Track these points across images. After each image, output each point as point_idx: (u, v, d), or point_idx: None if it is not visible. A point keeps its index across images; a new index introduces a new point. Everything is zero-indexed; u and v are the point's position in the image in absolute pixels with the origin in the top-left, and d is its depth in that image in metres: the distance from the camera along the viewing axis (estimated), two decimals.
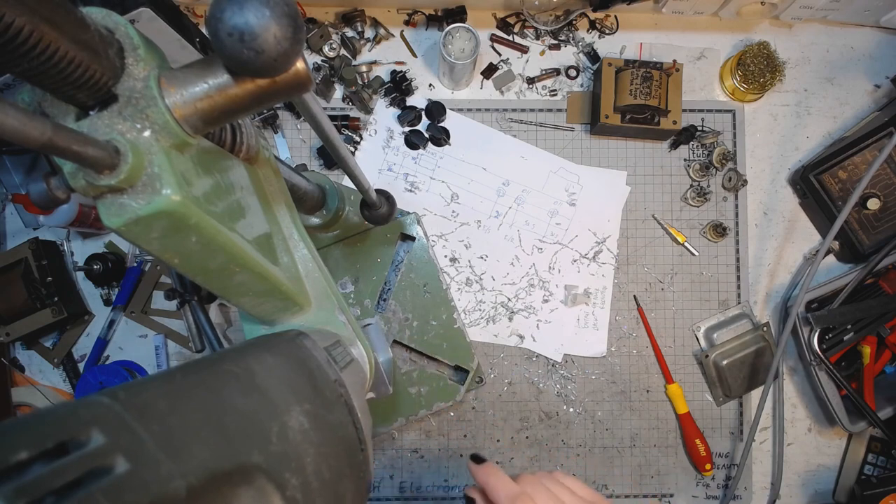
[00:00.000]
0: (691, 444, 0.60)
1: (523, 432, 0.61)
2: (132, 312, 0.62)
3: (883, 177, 0.59)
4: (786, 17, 0.62)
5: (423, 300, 0.59)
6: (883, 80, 0.64)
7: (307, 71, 0.23)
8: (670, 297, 0.63)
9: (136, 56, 0.22)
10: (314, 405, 0.26)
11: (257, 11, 0.19)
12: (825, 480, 0.63)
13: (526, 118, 0.63)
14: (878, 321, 0.58)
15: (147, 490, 0.16)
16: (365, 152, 0.62)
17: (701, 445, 0.60)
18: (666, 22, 0.64)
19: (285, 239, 0.36)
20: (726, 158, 0.62)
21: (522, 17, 0.63)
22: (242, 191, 0.31)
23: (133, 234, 0.23)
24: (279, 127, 0.62)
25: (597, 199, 0.63)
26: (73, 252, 0.63)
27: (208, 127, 0.24)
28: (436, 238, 0.62)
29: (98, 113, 0.22)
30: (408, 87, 0.61)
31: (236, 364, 0.25)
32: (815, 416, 0.63)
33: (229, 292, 0.31)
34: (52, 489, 0.14)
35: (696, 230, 0.63)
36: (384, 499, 0.61)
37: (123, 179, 0.21)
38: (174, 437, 0.19)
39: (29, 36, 0.17)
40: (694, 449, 0.60)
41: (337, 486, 0.26)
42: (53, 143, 0.17)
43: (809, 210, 0.63)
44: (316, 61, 0.62)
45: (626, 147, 0.63)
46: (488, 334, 0.62)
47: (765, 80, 0.60)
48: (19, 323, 0.58)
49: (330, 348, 0.34)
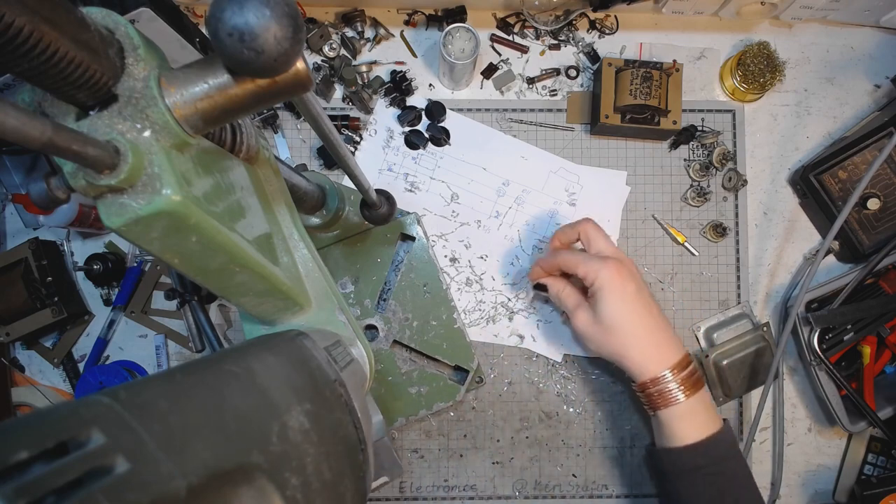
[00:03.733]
0: None
1: (523, 432, 0.61)
2: (132, 312, 0.62)
3: (883, 177, 0.59)
4: (786, 17, 0.62)
5: (423, 300, 0.59)
6: (883, 80, 0.64)
7: (307, 71, 0.23)
8: (670, 297, 0.63)
9: (136, 56, 0.22)
10: (314, 405, 0.26)
11: (257, 11, 0.19)
12: (825, 480, 0.63)
13: (526, 118, 0.63)
14: (878, 321, 0.58)
15: (147, 490, 0.16)
16: (365, 152, 0.62)
17: None
18: (666, 22, 0.64)
19: (285, 239, 0.37)
20: (726, 158, 0.62)
21: (522, 17, 0.63)
22: (242, 191, 0.31)
23: (133, 234, 0.23)
24: (279, 127, 0.62)
25: (597, 199, 0.63)
26: (73, 252, 0.63)
27: (208, 127, 0.24)
28: (436, 238, 0.62)
29: (98, 113, 0.22)
30: (408, 87, 0.61)
31: (237, 364, 0.25)
32: (815, 416, 0.63)
33: (229, 292, 0.31)
34: (52, 489, 0.14)
35: (696, 230, 0.63)
36: (384, 499, 0.61)
37: (123, 179, 0.21)
38: (175, 436, 0.19)
39: (29, 36, 0.17)
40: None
41: (337, 486, 0.26)
42: (53, 143, 0.17)
43: (809, 210, 0.63)
44: (316, 61, 0.62)
45: (626, 147, 0.63)
46: (488, 334, 0.62)
47: (765, 80, 0.60)
48: (19, 323, 0.58)
49: (330, 348, 0.34)
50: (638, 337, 0.50)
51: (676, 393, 0.49)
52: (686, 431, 0.49)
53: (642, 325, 0.49)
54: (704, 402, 0.50)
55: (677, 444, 0.50)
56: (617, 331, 0.50)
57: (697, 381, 0.50)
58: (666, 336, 0.50)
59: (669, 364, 0.49)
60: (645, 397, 0.51)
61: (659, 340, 0.50)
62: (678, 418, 0.49)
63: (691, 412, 0.49)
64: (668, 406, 0.49)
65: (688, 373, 0.50)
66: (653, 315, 0.50)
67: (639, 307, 0.49)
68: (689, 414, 0.49)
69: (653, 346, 0.50)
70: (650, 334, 0.50)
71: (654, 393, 0.49)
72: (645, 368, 0.50)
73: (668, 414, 0.50)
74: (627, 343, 0.50)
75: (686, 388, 0.49)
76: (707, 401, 0.51)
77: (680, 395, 0.49)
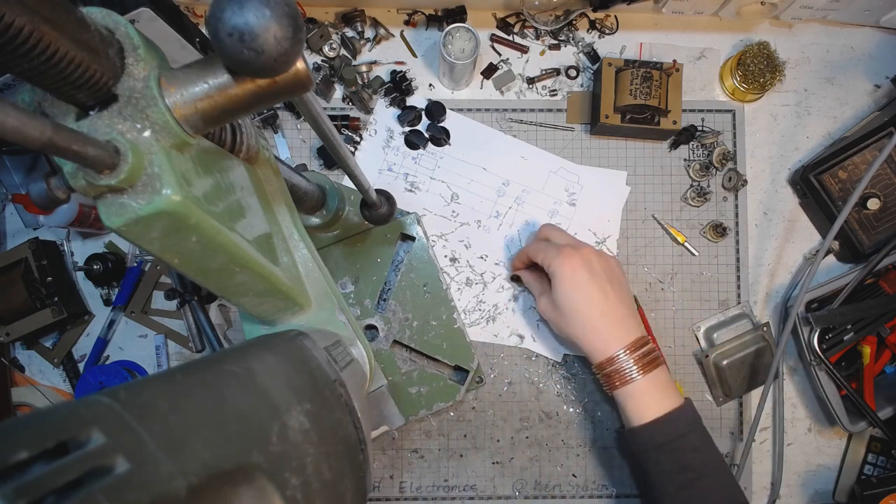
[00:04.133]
0: None
1: (523, 432, 0.61)
2: (132, 312, 0.62)
3: (883, 177, 0.59)
4: (786, 17, 0.62)
5: (423, 300, 0.59)
6: (883, 80, 0.64)
7: (307, 71, 0.23)
8: (670, 297, 0.63)
9: (136, 56, 0.22)
10: (314, 405, 0.26)
11: (257, 11, 0.19)
12: (825, 480, 0.63)
13: (526, 118, 0.63)
14: (878, 321, 0.58)
15: (147, 490, 0.16)
16: (365, 152, 0.62)
17: None
18: (666, 22, 0.64)
19: (285, 239, 0.37)
20: (726, 158, 0.62)
21: (522, 17, 0.63)
22: (242, 191, 0.31)
23: (133, 234, 0.23)
24: (279, 127, 0.62)
25: (597, 199, 0.63)
26: (73, 252, 0.63)
27: (208, 127, 0.24)
28: (436, 238, 0.62)
29: (98, 113, 0.22)
30: (408, 87, 0.61)
31: (237, 364, 0.25)
32: (815, 416, 0.63)
33: (229, 292, 0.31)
34: (52, 489, 0.14)
35: (696, 230, 0.63)
36: (384, 499, 0.61)
37: (123, 179, 0.21)
38: (175, 436, 0.19)
39: (29, 36, 0.17)
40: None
41: (337, 486, 0.26)
42: (53, 143, 0.17)
43: (809, 210, 0.63)
44: (316, 61, 0.62)
45: (626, 147, 0.63)
46: (488, 334, 0.62)
47: (765, 80, 0.60)
48: (19, 323, 0.58)
49: (330, 348, 0.34)
50: (590, 320, 0.51)
51: (632, 372, 0.50)
52: (644, 410, 0.50)
53: (595, 308, 0.51)
54: (662, 379, 0.51)
55: (637, 422, 0.50)
56: (570, 315, 0.52)
57: (654, 360, 0.51)
58: (620, 317, 0.51)
59: (623, 343, 0.50)
60: (603, 378, 0.52)
61: (613, 321, 0.51)
62: (635, 396, 0.50)
63: (648, 390, 0.50)
64: (625, 384, 0.50)
65: (643, 352, 0.50)
66: (607, 298, 0.51)
67: (592, 292, 0.51)
68: (646, 392, 0.50)
69: (606, 328, 0.51)
70: (603, 317, 0.51)
71: (610, 373, 0.51)
72: (599, 349, 0.51)
73: (625, 392, 0.50)
74: (580, 326, 0.52)
75: (641, 366, 0.50)
76: (665, 379, 0.51)
77: (636, 374, 0.50)
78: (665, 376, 0.52)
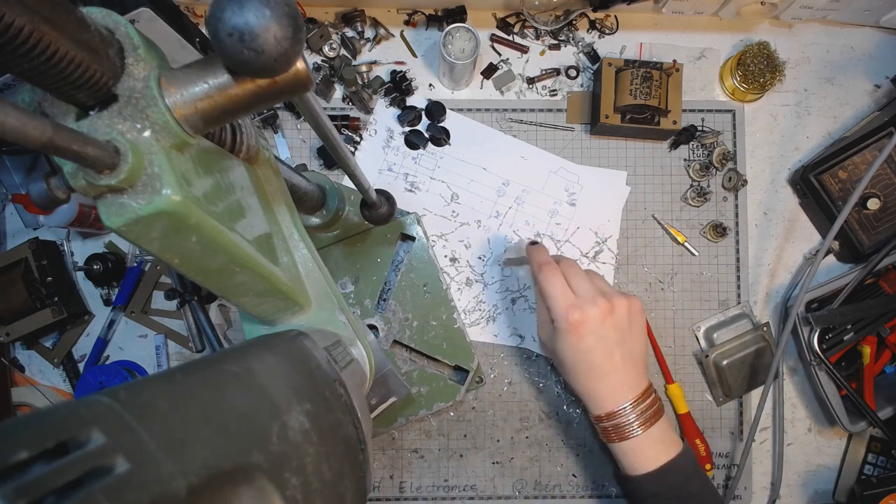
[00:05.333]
0: (691, 444, 0.60)
1: (523, 432, 0.61)
2: (132, 312, 0.62)
3: (883, 177, 0.59)
4: (786, 17, 0.62)
5: (423, 300, 0.59)
6: (883, 80, 0.64)
7: (307, 71, 0.23)
8: (670, 297, 0.63)
9: (136, 56, 0.22)
10: (314, 405, 0.26)
11: (257, 11, 0.19)
12: (825, 480, 0.63)
13: (526, 118, 0.63)
14: (878, 321, 0.58)
15: (147, 490, 0.16)
16: (365, 152, 0.62)
17: (701, 445, 0.60)
18: (666, 22, 0.64)
19: (285, 239, 0.37)
20: (726, 158, 0.62)
21: (522, 17, 0.63)
22: (242, 191, 0.31)
23: (133, 234, 0.23)
24: (279, 127, 0.62)
25: (597, 199, 0.63)
26: (73, 252, 0.63)
27: (208, 127, 0.24)
28: (436, 238, 0.62)
29: (98, 113, 0.22)
30: (408, 87, 0.61)
31: (237, 364, 0.25)
32: (815, 416, 0.63)
33: (229, 292, 0.31)
34: (52, 489, 0.14)
35: (696, 230, 0.63)
36: (384, 499, 0.61)
37: (123, 179, 0.21)
38: (175, 436, 0.19)
39: (29, 36, 0.17)
40: (694, 449, 0.60)
41: (337, 486, 0.26)
42: (53, 143, 0.17)
43: (809, 210, 0.63)
44: (316, 61, 0.62)
45: (626, 147, 0.63)
46: (488, 334, 0.62)
47: (765, 80, 0.60)
48: (19, 323, 0.58)
49: (330, 348, 0.34)
50: (590, 379, 0.49)
51: (633, 427, 0.48)
52: (643, 461, 0.48)
53: (596, 372, 0.48)
54: (662, 430, 0.49)
55: (635, 472, 0.49)
56: (569, 370, 0.50)
57: (656, 413, 0.49)
58: (623, 379, 0.48)
59: (624, 401, 0.48)
60: (600, 430, 0.50)
61: (615, 383, 0.48)
62: (633, 450, 0.48)
63: (647, 444, 0.48)
64: (623, 440, 0.48)
65: (646, 405, 0.48)
66: (612, 361, 0.48)
67: (595, 358, 0.48)
68: (645, 446, 0.48)
69: (605, 389, 0.48)
70: (603, 378, 0.48)
71: (608, 427, 0.49)
72: (597, 405, 0.49)
73: (623, 447, 0.49)
74: (578, 384, 0.50)
75: (643, 421, 0.48)
76: (665, 430, 0.49)
77: (637, 429, 0.48)
78: (665, 428, 0.49)
